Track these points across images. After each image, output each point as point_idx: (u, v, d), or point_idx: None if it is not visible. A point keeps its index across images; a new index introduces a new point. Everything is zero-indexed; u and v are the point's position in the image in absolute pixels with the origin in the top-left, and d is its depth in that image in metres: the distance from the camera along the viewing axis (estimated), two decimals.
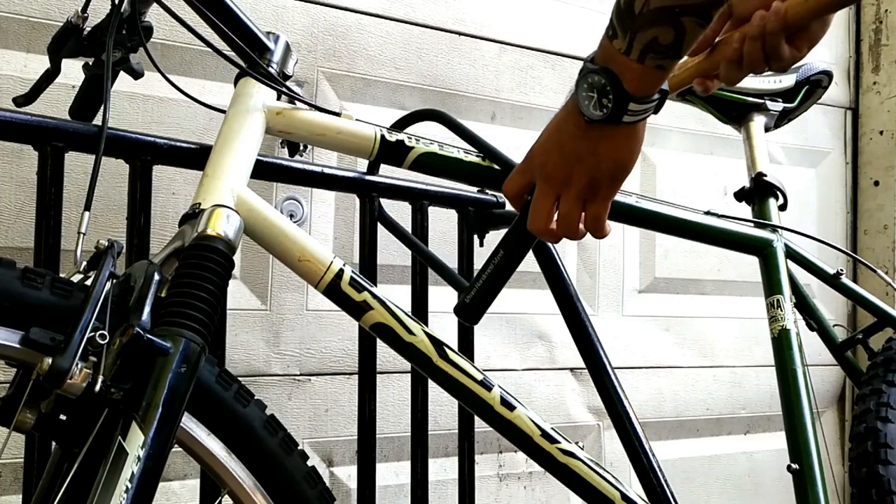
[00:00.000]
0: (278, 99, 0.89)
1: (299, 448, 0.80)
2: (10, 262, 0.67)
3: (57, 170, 0.89)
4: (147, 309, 0.66)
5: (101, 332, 0.63)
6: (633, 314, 1.79)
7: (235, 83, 0.89)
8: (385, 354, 1.33)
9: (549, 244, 1.03)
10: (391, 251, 1.44)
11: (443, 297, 1.41)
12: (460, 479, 1.19)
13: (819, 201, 2.09)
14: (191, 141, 0.96)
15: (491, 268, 0.79)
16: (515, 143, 1.64)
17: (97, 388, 0.62)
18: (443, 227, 1.40)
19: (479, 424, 0.88)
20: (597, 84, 0.68)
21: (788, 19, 0.79)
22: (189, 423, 0.74)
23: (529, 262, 1.06)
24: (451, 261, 1.21)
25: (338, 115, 0.90)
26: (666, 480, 1.01)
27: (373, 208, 1.11)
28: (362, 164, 1.11)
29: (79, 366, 0.61)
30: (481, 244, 1.19)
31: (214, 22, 0.86)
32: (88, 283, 0.67)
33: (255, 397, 0.78)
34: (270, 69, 0.90)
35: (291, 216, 1.42)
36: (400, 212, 1.16)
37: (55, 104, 1.20)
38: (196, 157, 0.95)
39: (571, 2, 1.68)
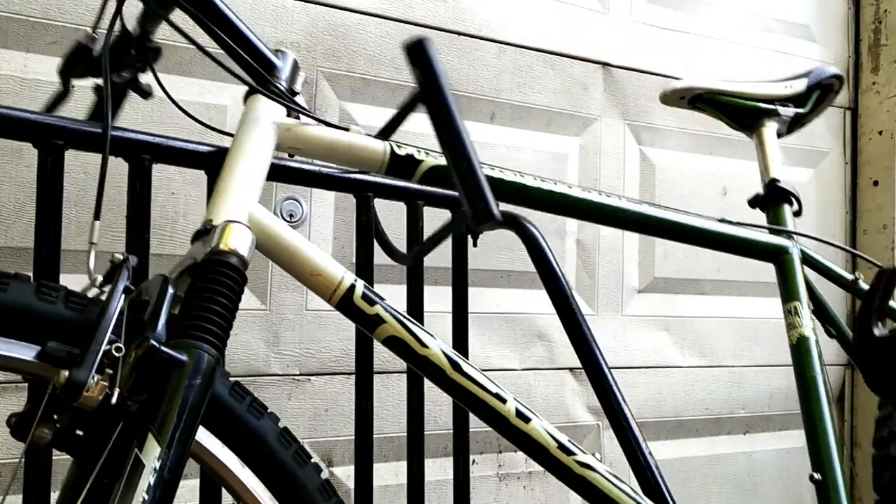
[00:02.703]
0: (287, 115, 0.89)
1: (312, 460, 0.80)
2: (24, 276, 0.68)
3: (57, 168, 0.89)
4: (162, 322, 0.66)
5: (116, 344, 0.64)
6: (632, 314, 1.79)
7: (245, 100, 0.90)
8: (384, 354, 1.33)
9: (545, 245, 1.03)
10: None
11: (441, 297, 1.41)
12: (455, 479, 1.20)
13: (819, 201, 2.10)
14: (191, 141, 0.96)
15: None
16: (515, 143, 1.64)
17: (113, 400, 0.62)
18: (438, 227, 1.40)
19: (479, 424, 0.88)
20: None
21: None
22: (203, 436, 0.74)
23: (528, 262, 1.06)
24: (445, 261, 1.22)
25: (346, 129, 0.90)
26: (664, 480, 1.01)
27: (369, 208, 1.11)
28: None
29: (95, 378, 0.62)
30: (475, 244, 1.19)
31: (224, 40, 0.87)
32: (103, 297, 0.67)
33: (269, 410, 0.78)
34: (279, 86, 0.90)
35: (291, 216, 1.42)
36: (396, 212, 1.16)
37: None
38: (196, 156, 0.95)
39: (571, 2, 1.68)
